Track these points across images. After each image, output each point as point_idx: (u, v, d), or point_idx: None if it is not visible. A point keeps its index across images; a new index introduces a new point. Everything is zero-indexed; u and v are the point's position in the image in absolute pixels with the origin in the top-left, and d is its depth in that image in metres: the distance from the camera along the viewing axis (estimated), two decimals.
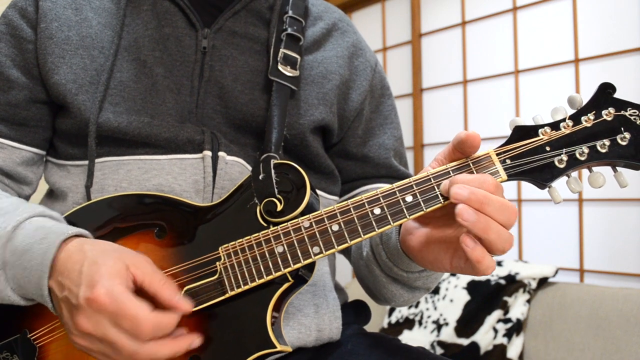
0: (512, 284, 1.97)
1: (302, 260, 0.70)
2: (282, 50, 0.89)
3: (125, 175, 0.83)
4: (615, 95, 0.67)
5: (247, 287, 0.72)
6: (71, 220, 0.79)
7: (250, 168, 0.87)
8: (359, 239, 0.69)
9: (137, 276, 0.67)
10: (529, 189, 2.10)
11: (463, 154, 0.68)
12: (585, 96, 0.67)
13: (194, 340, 0.70)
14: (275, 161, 0.77)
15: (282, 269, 0.71)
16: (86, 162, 0.85)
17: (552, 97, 2.10)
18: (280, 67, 0.88)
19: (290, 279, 0.72)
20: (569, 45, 2.06)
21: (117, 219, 0.79)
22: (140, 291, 0.68)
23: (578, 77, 2.02)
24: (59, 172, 0.88)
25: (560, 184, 0.69)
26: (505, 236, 0.63)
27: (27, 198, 0.93)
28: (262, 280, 0.71)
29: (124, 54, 0.86)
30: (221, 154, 0.84)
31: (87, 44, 0.85)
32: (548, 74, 2.12)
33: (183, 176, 0.83)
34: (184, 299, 0.69)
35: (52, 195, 0.90)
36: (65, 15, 0.86)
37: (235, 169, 0.85)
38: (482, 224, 0.62)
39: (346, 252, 1.03)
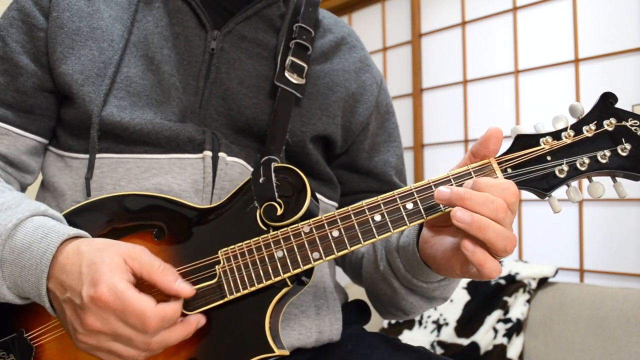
0: (512, 284, 1.97)
1: (301, 266, 0.71)
2: (289, 57, 0.89)
3: (124, 173, 0.83)
4: (617, 105, 0.67)
5: (246, 291, 0.72)
6: (70, 219, 0.79)
7: (250, 169, 0.87)
8: (359, 245, 0.69)
9: (135, 268, 0.67)
10: None
11: (488, 152, 0.68)
12: (585, 96, 0.67)
13: (200, 319, 0.71)
14: (276, 164, 0.77)
15: (281, 274, 0.71)
16: (85, 155, 0.84)
17: (552, 97, 2.10)
18: (286, 74, 0.88)
19: (289, 283, 0.72)
20: (569, 45, 2.06)
21: (116, 219, 0.79)
22: (141, 281, 0.68)
23: (578, 77, 2.02)
24: (57, 163, 0.88)
25: (558, 191, 0.69)
26: (504, 233, 0.63)
27: (26, 187, 0.93)
28: (261, 285, 0.71)
29: (132, 49, 0.86)
30: (221, 154, 0.84)
31: (97, 36, 0.85)
32: (548, 74, 2.12)
33: (182, 176, 0.82)
34: (184, 284, 0.69)
35: (47, 189, 0.89)
36: (78, 6, 0.86)
37: (235, 169, 0.85)
38: (477, 223, 0.62)
39: (353, 269, 1.03)
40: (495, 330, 1.91)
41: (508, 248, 0.63)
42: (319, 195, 0.94)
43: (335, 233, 0.70)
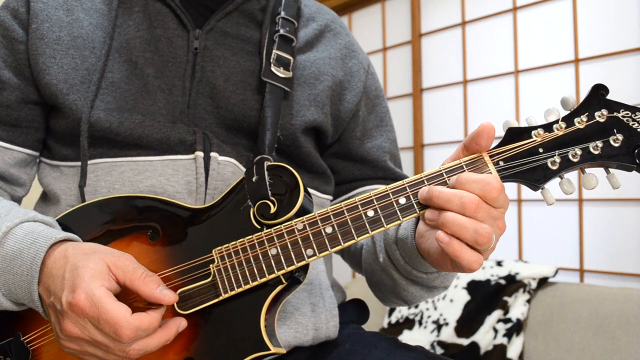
0: (512, 284, 1.96)
1: (295, 263, 0.71)
2: (274, 51, 0.89)
3: (118, 176, 0.83)
4: (609, 97, 0.66)
5: (240, 289, 0.72)
6: (64, 223, 0.79)
7: (242, 168, 0.87)
8: (353, 241, 0.69)
9: (118, 276, 0.68)
10: (528, 189, 2.09)
11: (479, 148, 0.68)
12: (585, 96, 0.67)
13: (181, 323, 0.71)
14: (269, 163, 0.77)
15: (275, 271, 0.71)
16: (79, 163, 0.85)
17: (552, 97, 2.09)
18: (273, 69, 0.88)
19: (283, 281, 0.72)
20: (569, 45, 2.05)
21: (110, 221, 0.79)
22: (126, 289, 0.68)
23: (578, 77, 2.02)
24: (52, 174, 0.88)
25: (553, 185, 0.68)
26: (472, 227, 0.63)
27: (20, 200, 0.93)
28: (255, 283, 0.71)
29: (115, 55, 0.86)
30: (213, 154, 0.84)
31: (78, 44, 0.85)
32: (548, 74, 2.12)
33: (175, 177, 0.83)
34: (167, 291, 0.69)
35: (46, 199, 0.90)
36: (57, 16, 0.86)
37: (227, 169, 0.85)
38: (441, 219, 0.65)
39: (353, 258, 1.03)
40: (495, 330, 1.91)
41: (479, 240, 0.63)
42: (312, 190, 0.94)
43: (329, 229, 0.70)
